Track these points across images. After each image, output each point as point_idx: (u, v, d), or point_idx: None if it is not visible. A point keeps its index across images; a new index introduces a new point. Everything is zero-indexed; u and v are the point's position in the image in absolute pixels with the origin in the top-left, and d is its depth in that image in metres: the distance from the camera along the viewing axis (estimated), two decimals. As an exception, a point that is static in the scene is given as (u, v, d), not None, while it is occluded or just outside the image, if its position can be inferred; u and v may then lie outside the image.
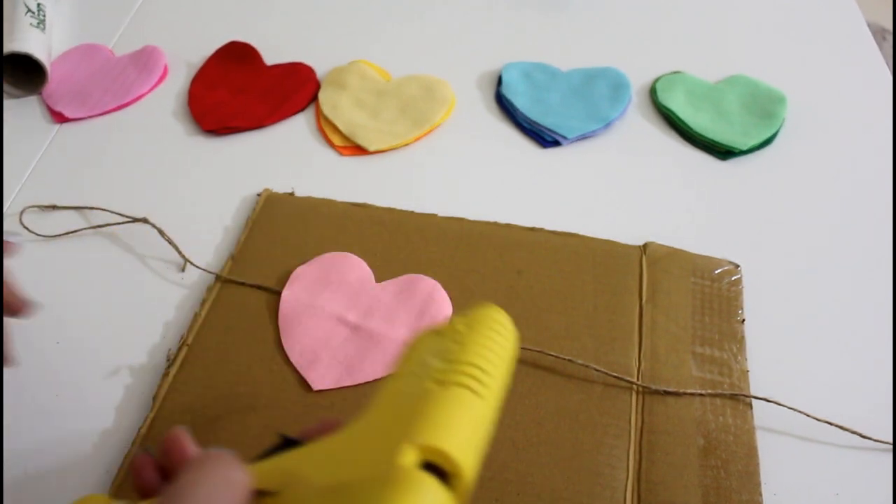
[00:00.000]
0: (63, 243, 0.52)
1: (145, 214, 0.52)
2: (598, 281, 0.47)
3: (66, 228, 0.52)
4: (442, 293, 0.46)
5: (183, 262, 0.49)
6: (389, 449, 0.22)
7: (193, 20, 0.71)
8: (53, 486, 0.39)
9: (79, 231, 0.52)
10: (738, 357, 0.44)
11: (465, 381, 0.25)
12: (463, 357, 0.26)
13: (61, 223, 0.53)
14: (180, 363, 0.43)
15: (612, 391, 0.42)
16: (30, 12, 0.64)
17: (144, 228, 0.52)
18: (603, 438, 0.40)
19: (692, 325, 0.45)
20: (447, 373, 0.25)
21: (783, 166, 0.57)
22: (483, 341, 0.28)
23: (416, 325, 0.45)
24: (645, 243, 0.49)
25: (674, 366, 0.43)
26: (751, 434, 0.41)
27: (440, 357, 0.27)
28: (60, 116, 0.60)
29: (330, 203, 0.53)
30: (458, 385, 0.25)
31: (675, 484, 0.39)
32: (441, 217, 0.51)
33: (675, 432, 0.41)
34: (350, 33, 0.69)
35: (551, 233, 0.50)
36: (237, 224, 0.52)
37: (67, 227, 0.52)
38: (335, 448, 0.25)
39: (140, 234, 0.52)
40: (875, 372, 0.45)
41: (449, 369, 0.26)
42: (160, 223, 0.52)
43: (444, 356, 0.27)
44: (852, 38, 0.70)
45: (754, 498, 0.38)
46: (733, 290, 0.47)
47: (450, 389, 0.25)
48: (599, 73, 0.64)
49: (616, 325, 0.45)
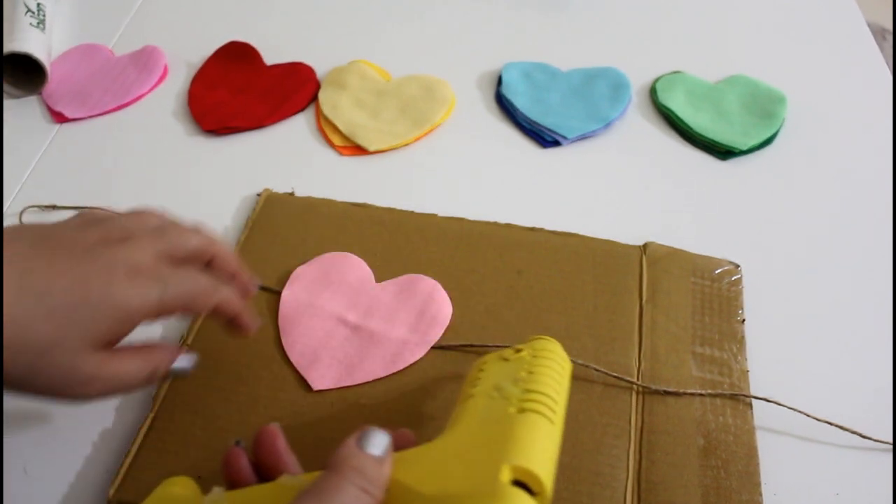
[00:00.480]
0: (63, 243, 0.52)
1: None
2: (598, 281, 0.47)
3: (66, 228, 0.52)
4: (442, 293, 0.46)
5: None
6: (490, 468, 0.26)
7: (193, 20, 0.71)
8: (54, 486, 0.39)
9: (79, 231, 0.52)
10: (738, 357, 0.44)
11: (541, 408, 0.29)
12: (535, 387, 0.31)
13: (61, 223, 0.53)
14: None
15: (612, 391, 0.42)
16: (30, 12, 0.64)
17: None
18: (603, 438, 0.40)
19: (692, 325, 0.45)
20: (525, 401, 0.30)
21: (783, 166, 0.57)
22: (549, 372, 0.32)
23: (416, 325, 0.45)
24: (645, 243, 0.49)
25: (674, 366, 0.43)
26: (751, 434, 0.41)
27: (515, 384, 0.31)
28: (60, 116, 0.60)
29: (330, 203, 0.53)
30: (535, 412, 0.29)
31: (675, 484, 0.39)
32: (441, 217, 0.51)
33: (675, 432, 0.41)
34: (350, 33, 0.69)
35: (551, 233, 0.50)
36: (237, 224, 0.52)
37: (67, 227, 0.52)
38: (433, 459, 0.29)
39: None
40: (875, 372, 0.45)
41: (526, 397, 0.30)
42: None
43: (519, 384, 0.31)
44: (852, 38, 0.70)
45: (754, 498, 0.38)
46: (733, 290, 0.47)
47: (530, 416, 0.29)
48: (599, 73, 0.64)
49: (616, 325, 0.45)
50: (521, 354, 0.34)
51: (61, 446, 0.41)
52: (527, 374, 0.32)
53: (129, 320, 0.34)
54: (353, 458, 0.28)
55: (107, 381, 0.34)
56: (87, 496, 0.39)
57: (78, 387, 0.33)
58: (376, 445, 0.28)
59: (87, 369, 0.33)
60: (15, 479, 0.40)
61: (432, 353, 0.44)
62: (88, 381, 0.33)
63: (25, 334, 0.31)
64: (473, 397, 0.32)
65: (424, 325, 0.45)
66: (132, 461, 0.39)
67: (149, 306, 0.34)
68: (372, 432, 0.28)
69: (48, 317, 0.31)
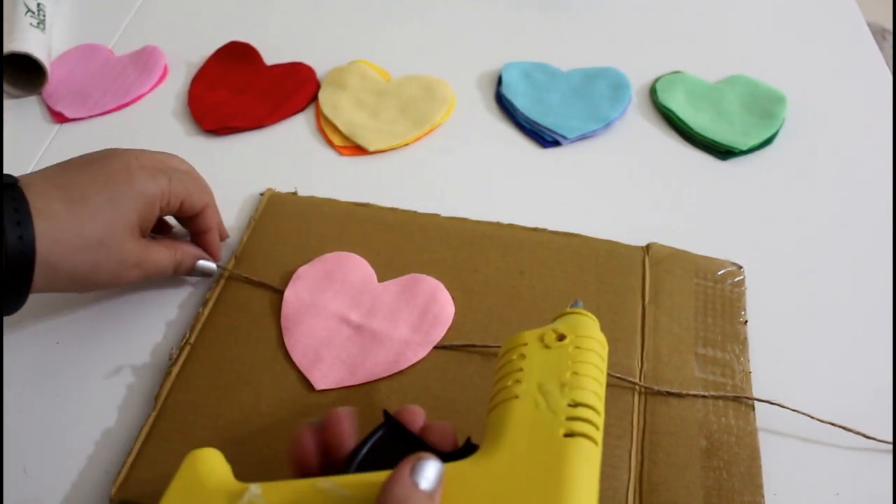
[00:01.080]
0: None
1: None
2: (600, 281, 0.47)
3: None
4: (444, 293, 0.46)
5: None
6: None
7: (193, 20, 0.71)
8: (54, 486, 0.39)
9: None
10: (740, 358, 0.44)
11: (588, 429, 0.29)
12: (582, 398, 0.31)
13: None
14: (183, 362, 0.43)
15: (615, 392, 0.42)
16: (30, 12, 0.64)
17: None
18: (605, 439, 0.40)
19: (695, 327, 0.45)
20: (574, 419, 0.30)
21: (783, 166, 0.57)
22: (593, 372, 0.32)
23: (418, 324, 0.45)
24: (648, 244, 0.49)
25: (676, 367, 0.43)
26: (753, 436, 0.41)
27: (561, 390, 0.31)
28: (60, 116, 0.60)
29: (333, 203, 0.53)
30: (584, 436, 0.29)
31: (677, 485, 0.39)
32: (444, 217, 0.51)
33: (677, 433, 0.41)
34: (350, 33, 0.69)
35: (554, 233, 0.50)
36: (238, 224, 0.52)
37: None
38: (483, 486, 0.29)
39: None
40: (876, 372, 0.45)
41: (574, 413, 0.30)
42: (159, 222, 0.52)
43: (565, 391, 0.31)
44: (852, 38, 0.70)
45: (756, 499, 0.38)
46: (736, 291, 0.47)
47: (579, 444, 0.29)
48: (599, 73, 0.64)
49: (619, 325, 0.45)
50: (563, 344, 0.33)
51: (63, 445, 0.41)
52: (572, 376, 0.31)
53: (152, 205, 0.42)
54: (407, 499, 0.27)
55: (148, 265, 0.43)
56: (89, 495, 0.39)
57: (126, 270, 0.42)
58: (428, 479, 0.27)
59: (134, 254, 0.41)
60: (16, 479, 0.40)
61: (435, 353, 0.44)
62: (136, 265, 0.42)
63: (82, 234, 0.39)
64: (519, 399, 0.31)
65: (427, 325, 0.45)
66: (134, 460, 0.39)
67: (163, 193, 0.42)
68: (425, 464, 0.28)
69: (93, 216, 0.39)
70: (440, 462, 0.28)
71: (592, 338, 0.34)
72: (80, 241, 0.38)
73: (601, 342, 0.34)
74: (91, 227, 0.39)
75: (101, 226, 0.39)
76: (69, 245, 0.38)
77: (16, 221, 0.36)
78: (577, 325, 0.34)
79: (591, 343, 0.33)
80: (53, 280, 0.39)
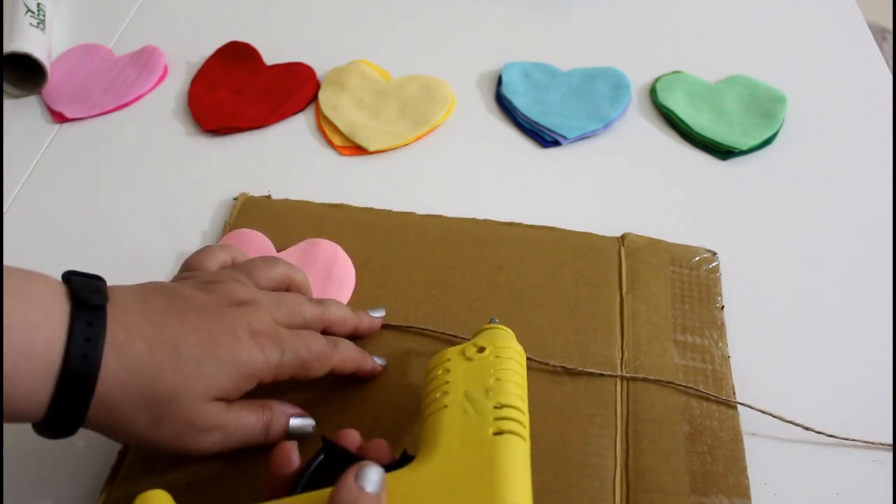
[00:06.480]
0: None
1: (144, 214, 0.53)
2: (578, 273, 0.48)
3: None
4: (343, 255, 0.47)
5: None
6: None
7: (193, 20, 0.71)
8: (54, 486, 0.39)
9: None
10: (718, 343, 0.45)
11: (515, 427, 0.32)
12: (506, 399, 0.33)
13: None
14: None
15: (597, 381, 0.42)
16: (30, 12, 0.64)
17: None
18: (589, 429, 0.40)
19: (673, 314, 0.46)
20: (501, 419, 0.32)
21: (783, 166, 0.57)
22: (514, 377, 0.34)
23: (322, 288, 0.45)
24: (623, 234, 0.50)
25: (656, 355, 0.44)
26: (734, 419, 0.41)
27: (486, 395, 0.33)
28: (60, 116, 0.60)
29: (307, 205, 0.52)
30: (511, 433, 0.31)
31: (662, 471, 0.39)
32: (419, 215, 0.52)
33: (660, 420, 0.41)
34: (350, 33, 0.69)
35: (530, 227, 0.51)
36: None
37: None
38: (421, 490, 0.30)
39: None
40: (877, 372, 0.45)
41: (500, 414, 0.32)
42: (159, 222, 0.52)
43: (490, 395, 0.33)
44: (852, 38, 0.70)
45: (741, 481, 0.39)
46: (711, 277, 0.48)
47: (508, 440, 0.31)
48: (599, 73, 0.64)
49: (597, 316, 0.45)
50: (484, 355, 0.35)
51: (61, 445, 0.41)
52: (495, 382, 0.34)
53: (251, 379, 0.35)
54: (354, 500, 0.28)
55: (225, 430, 0.35)
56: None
57: (197, 434, 0.34)
58: (372, 482, 0.29)
59: (207, 418, 0.34)
60: (15, 479, 0.40)
61: (411, 344, 0.44)
62: (209, 430, 0.35)
63: (155, 385, 0.33)
64: (448, 408, 0.33)
65: (333, 290, 0.45)
66: (124, 471, 0.38)
67: (269, 368, 0.36)
68: (368, 469, 0.29)
69: (177, 368, 0.33)
70: (382, 468, 0.29)
71: (511, 347, 0.36)
72: (151, 390, 0.33)
73: (519, 351, 0.36)
74: (168, 379, 0.33)
75: (179, 379, 0.33)
76: (134, 390, 0.32)
77: (85, 338, 0.31)
78: (495, 338, 0.37)
79: (510, 352, 0.36)
80: (107, 420, 0.33)
